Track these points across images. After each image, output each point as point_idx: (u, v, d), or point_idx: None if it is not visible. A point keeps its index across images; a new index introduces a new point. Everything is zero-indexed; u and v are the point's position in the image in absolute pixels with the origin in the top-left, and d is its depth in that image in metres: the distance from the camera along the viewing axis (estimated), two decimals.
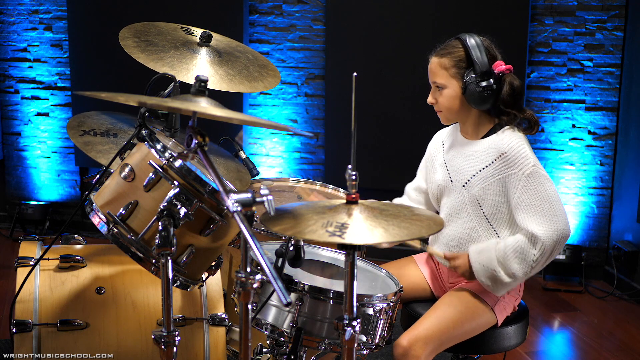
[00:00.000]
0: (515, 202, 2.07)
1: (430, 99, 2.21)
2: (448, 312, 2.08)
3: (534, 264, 2.05)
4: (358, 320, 1.59)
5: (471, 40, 2.12)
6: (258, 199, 1.41)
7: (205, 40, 2.24)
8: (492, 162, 2.11)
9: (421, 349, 2.00)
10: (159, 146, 1.75)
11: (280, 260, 1.73)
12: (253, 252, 1.35)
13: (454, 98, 2.15)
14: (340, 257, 2.15)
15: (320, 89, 4.40)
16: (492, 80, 2.08)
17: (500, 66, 2.10)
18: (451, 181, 2.22)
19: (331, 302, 1.80)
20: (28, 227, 4.73)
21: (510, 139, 2.09)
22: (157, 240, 1.60)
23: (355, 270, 1.58)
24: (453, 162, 2.23)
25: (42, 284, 2.03)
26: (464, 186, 2.18)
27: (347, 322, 1.58)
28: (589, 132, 4.12)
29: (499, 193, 2.11)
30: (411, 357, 1.99)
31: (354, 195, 1.63)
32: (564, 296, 4.00)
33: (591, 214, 4.18)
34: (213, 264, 1.93)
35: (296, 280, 1.82)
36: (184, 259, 1.78)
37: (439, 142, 2.34)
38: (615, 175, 4.12)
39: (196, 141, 1.52)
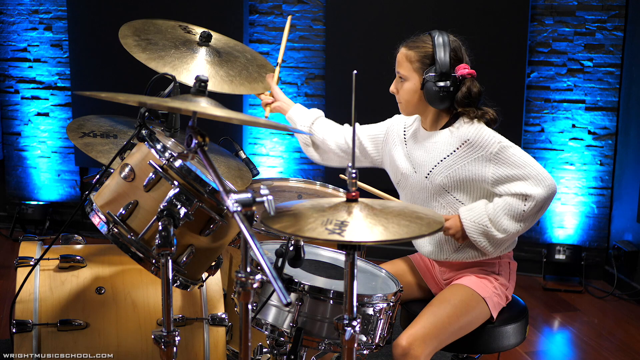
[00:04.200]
0: (493, 181, 2.10)
1: (392, 88, 2.23)
2: (442, 308, 2.09)
3: (524, 218, 2.08)
4: (358, 320, 1.60)
5: (439, 39, 2.13)
6: (258, 199, 1.41)
7: (205, 40, 2.24)
8: (455, 150, 2.13)
9: (420, 348, 2.00)
10: (159, 146, 1.75)
11: (280, 260, 1.73)
12: (253, 252, 1.35)
13: (413, 92, 2.17)
14: (340, 257, 2.15)
15: (320, 89, 4.40)
16: (449, 82, 2.10)
17: (462, 70, 2.12)
18: (415, 172, 2.23)
19: (331, 302, 1.80)
20: (28, 227, 4.73)
21: (472, 127, 2.12)
22: (157, 240, 1.61)
23: (355, 270, 1.58)
24: (414, 154, 2.25)
25: (42, 284, 2.03)
26: (426, 177, 2.19)
27: (347, 322, 1.59)
28: (589, 132, 4.12)
29: (467, 178, 2.13)
30: (411, 357, 1.99)
31: (354, 194, 1.63)
32: (564, 296, 4.00)
33: (591, 214, 4.18)
34: (213, 264, 1.93)
35: (296, 280, 1.82)
36: (184, 259, 1.78)
37: (401, 127, 2.34)
38: (615, 175, 4.12)
39: (196, 141, 1.52)
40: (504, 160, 2.08)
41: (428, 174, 2.19)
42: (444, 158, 2.15)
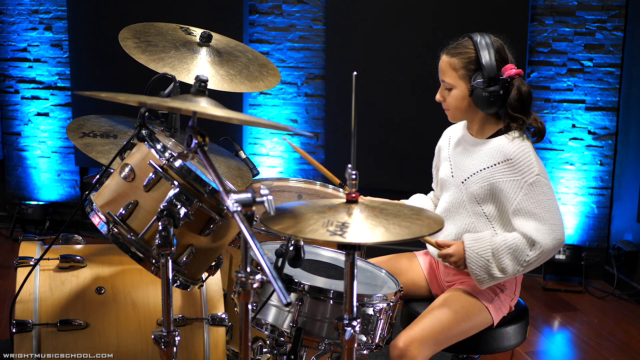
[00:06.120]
0: (515, 208, 2.07)
1: (438, 97, 2.20)
2: (444, 312, 2.08)
3: (526, 264, 2.06)
4: (358, 320, 1.60)
5: (482, 42, 2.09)
6: (258, 199, 1.41)
7: (206, 41, 2.24)
8: (496, 165, 2.11)
9: (417, 350, 1.99)
10: (159, 146, 1.75)
11: (280, 260, 1.73)
12: (253, 252, 1.35)
13: (462, 99, 2.14)
14: (340, 257, 2.15)
15: (320, 89, 4.40)
16: (498, 86, 2.07)
17: (509, 70, 2.08)
18: (452, 176, 2.22)
19: (331, 302, 1.80)
20: (28, 227, 4.73)
21: (518, 146, 2.08)
22: (157, 240, 1.61)
23: (355, 270, 1.58)
24: (457, 157, 2.23)
25: (42, 284, 2.03)
26: (462, 183, 2.18)
27: (347, 322, 1.59)
28: (589, 132, 4.12)
29: (497, 195, 2.11)
30: (407, 358, 1.98)
31: (354, 195, 1.63)
32: (564, 296, 4.00)
33: (591, 214, 4.18)
34: (213, 264, 1.93)
35: (296, 280, 1.82)
36: (184, 259, 1.78)
37: (447, 138, 2.35)
38: (615, 175, 4.12)
39: (196, 141, 1.52)
40: (532, 194, 2.05)
41: (465, 180, 2.17)
42: (485, 168, 2.13)
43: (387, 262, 2.34)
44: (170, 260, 1.62)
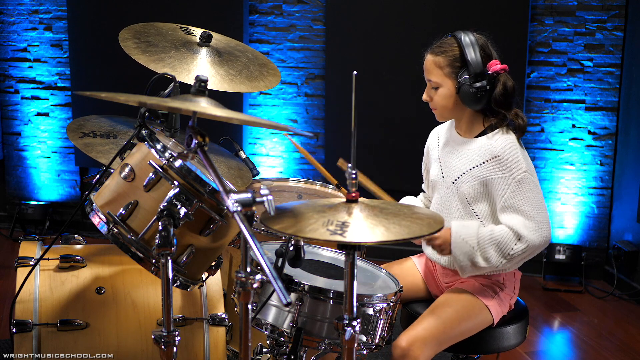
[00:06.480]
0: (503, 205, 2.08)
1: (425, 97, 2.21)
2: (445, 312, 2.08)
3: (510, 257, 2.06)
4: (358, 320, 1.60)
5: (466, 39, 2.11)
6: (258, 199, 1.41)
7: (206, 41, 2.25)
8: (484, 163, 2.11)
9: (419, 350, 2.00)
10: (159, 146, 1.75)
11: (280, 260, 1.73)
12: (253, 252, 1.35)
13: (449, 97, 2.14)
14: (340, 257, 2.15)
15: (320, 89, 4.40)
16: (485, 82, 2.08)
17: (494, 66, 2.10)
18: (443, 177, 2.23)
19: (331, 302, 1.80)
20: (28, 227, 4.73)
21: (505, 143, 2.09)
22: (157, 240, 1.61)
23: (355, 270, 1.58)
24: (446, 158, 2.24)
25: (42, 284, 2.03)
26: (453, 183, 2.19)
27: (347, 322, 1.59)
28: (589, 132, 4.12)
29: (488, 192, 2.12)
30: (410, 357, 1.99)
31: (354, 194, 1.63)
32: (564, 296, 4.00)
33: (591, 214, 4.18)
34: (213, 264, 1.93)
35: (296, 280, 1.82)
36: (184, 259, 1.78)
37: (435, 138, 2.35)
38: (615, 175, 4.12)
39: (196, 141, 1.52)
40: (520, 191, 2.06)
41: (455, 180, 2.18)
42: (473, 167, 2.13)
43: (384, 267, 2.34)
44: (170, 260, 1.62)
